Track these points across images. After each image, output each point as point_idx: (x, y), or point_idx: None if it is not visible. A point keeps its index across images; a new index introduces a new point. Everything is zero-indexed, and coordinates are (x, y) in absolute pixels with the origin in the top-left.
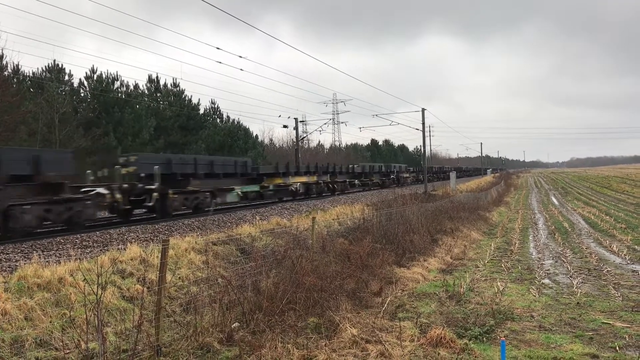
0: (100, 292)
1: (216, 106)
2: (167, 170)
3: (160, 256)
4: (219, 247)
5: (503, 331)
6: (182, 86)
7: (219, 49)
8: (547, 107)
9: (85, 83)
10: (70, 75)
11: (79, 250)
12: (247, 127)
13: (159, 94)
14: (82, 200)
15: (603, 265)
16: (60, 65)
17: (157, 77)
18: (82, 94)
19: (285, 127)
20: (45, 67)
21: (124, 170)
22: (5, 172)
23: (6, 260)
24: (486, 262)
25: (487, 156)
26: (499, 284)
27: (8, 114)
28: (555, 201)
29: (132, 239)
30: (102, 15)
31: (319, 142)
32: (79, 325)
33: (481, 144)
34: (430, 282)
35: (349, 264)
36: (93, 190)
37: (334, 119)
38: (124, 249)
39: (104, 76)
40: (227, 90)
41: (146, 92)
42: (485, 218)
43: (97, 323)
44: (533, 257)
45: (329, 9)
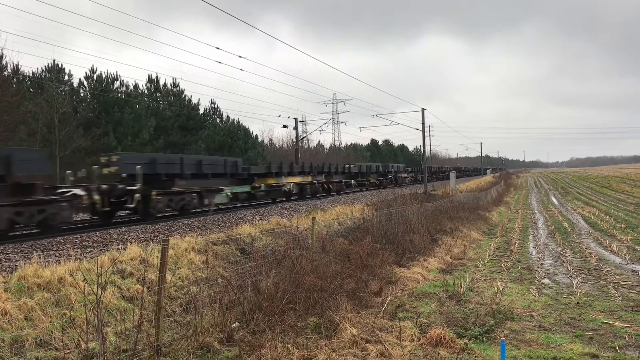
0: (100, 292)
1: (216, 106)
2: (151, 170)
3: (160, 256)
4: (218, 247)
5: (503, 331)
6: (182, 86)
7: (218, 49)
8: (546, 107)
9: (85, 83)
10: (70, 75)
11: (79, 250)
12: (247, 127)
13: (158, 94)
14: (57, 202)
15: (603, 265)
16: (60, 65)
17: (157, 77)
18: (82, 94)
19: (285, 127)
20: (45, 67)
21: (105, 171)
22: None
23: (6, 260)
24: (486, 262)
25: (487, 156)
26: (498, 283)
27: (8, 114)
28: (555, 201)
29: (132, 239)
30: (102, 15)
31: (319, 142)
32: (79, 325)
33: (481, 143)
34: (430, 282)
35: (349, 264)
36: (70, 192)
37: (333, 119)
38: (124, 249)
39: (104, 76)
40: (227, 90)
41: (146, 92)
42: (485, 218)
43: (97, 323)
44: (533, 257)
45: (329, 9)
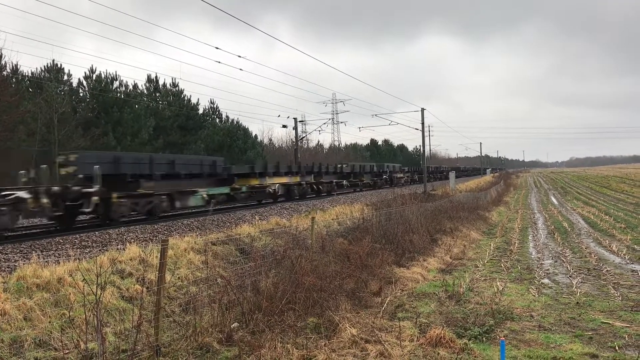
0: (99, 292)
1: (215, 106)
2: (115, 170)
3: (159, 256)
4: (218, 247)
5: (502, 331)
6: (181, 86)
7: (218, 48)
8: (546, 106)
9: (84, 83)
10: (69, 75)
11: (78, 250)
12: (247, 127)
13: (158, 94)
14: None
15: (602, 264)
16: (59, 65)
17: (156, 76)
18: (81, 94)
19: (284, 127)
20: (44, 67)
21: (63, 171)
22: None
23: (5, 260)
24: (486, 262)
25: (487, 156)
26: (498, 283)
27: (7, 114)
28: (554, 201)
29: (132, 239)
30: (101, 15)
31: (318, 142)
32: (78, 326)
33: (480, 143)
34: (430, 282)
35: (349, 264)
36: (13, 194)
37: (333, 118)
38: (123, 249)
39: (103, 76)
40: (227, 90)
41: (145, 92)
42: (485, 218)
43: (96, 323)
44: (532, 256)
45: (329, 8)
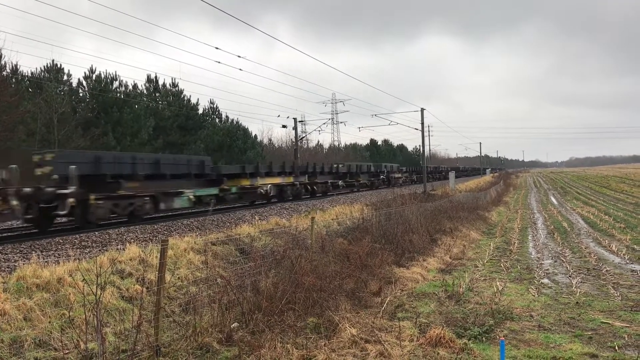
0: (99, 293)
1: (215, 106)
2: (94, 170)
3: (159, 256)
4: (218, 247)
5: (502, 331)
6: (181, 86)
7: (217, 48)
8: (546, 106)
9: (84, 83)
10: (69, 75)
11: (78, 250)
12: (246, 127)
13: (157, 94)
14: None
15: (602, 264)
16: (59, 65)
17: (156, 77)
18: (81, 94)
19: (284, 127)
20: (44, 67)
21: (38, 171)
22: None
23: (5, 261)
24: (485, 261)
25: (486, 156)
26: (498, 283)
27: (7, 114)
28: (554, 201)
29: (131, 239)
30: (100, 15)
31: (318, 142)
32: (78, 326)
33: (480, 143)
34: (430, 282)
35: (348, 264)
36: None
37: (333, 118)
38: (123, 249)
39: (103, 76)
40: (226, 90)
41: (145, 92)
42: (485, 218)
43: (96, 323)
44: (532, 256)
45: (329, 8)
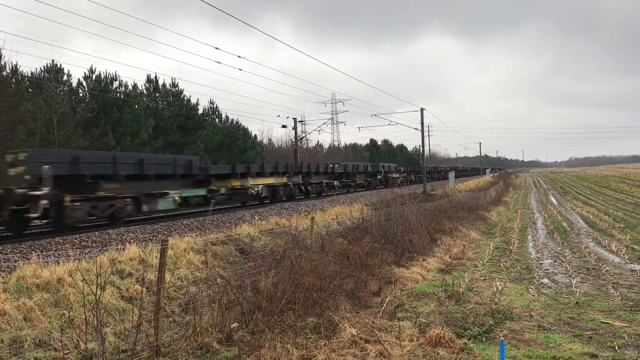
0: (99, 293)
1: (215, 106)
2: (72, 170)
3: (159, 256)
4: (218, 247)
5: (502, 331)
6: (181, 86)
7: (217, 49)
8: (545, 106)
9: (84, 83)
10: (69, 76)
11: (78, 250)
12: (246, 127)
13: (157, 94)
14: None
15: (602, 264)
16: (59, 66)
17: (156, 77)
18: (81, 94)
19: (284, 127)
20: (44, 67)
21: (12, 172)
22: None
23: (5, 261)
24: (485, 261)
25: (486, 156)
26: (498, 283)
27: (7, 114)
28: (554, 201)
29: (131, 239)
30: (100, 15)
31: (318, 142)
32: (78, 326)
33: (480, 143)
34: (429, 282)
35: (348, 264)
36: None
37: (332, 118)
38: (123, 249)
39: (103, 76)
40: (226, 90)
41: (145, 92)
42: (484, 218)
43: (96, 323)
44: (532, 256)
45: (328, 8)
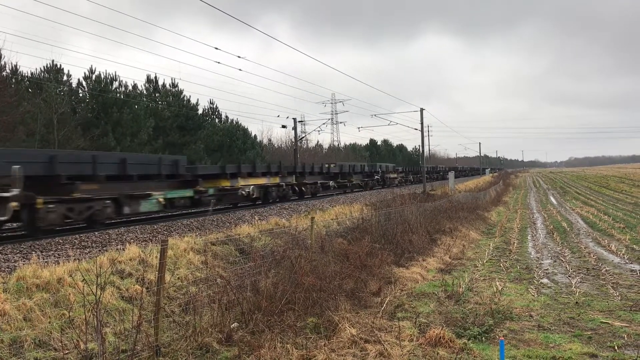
0: (99, 293)
1: (215, 106)
2: (46, 171)
3: (159, 256)
4: (217, 247)
5: (502, 331)
6: (181, 86)
7: (217, 49)
8: (545, 106)
9: (84, 83)
10: (69, 76)
11: (78, 250)
12: (246, 127)
13: (157, 94)
14: None
15: (602, 264)
16: (59, 66)
17: (156, 77)
18: (81, 94)
19: (284, 127)
20: (44, 67)
21: None
22: None
23: (5, 261)
24: (485, 261)
25: (486, 156)
26: (497, 283)
27: (6, 115)
28: (553, 201)
29: (131, 239)
30: (99, 15)
31: (318, 142)
32: (78, 326)
33: (479, 143)
34: (429, 282)
35: (348, 264)
36: None
37: (332, 119)
38: (123, 250)
39: (103, 76)
40: (226, 91)
41: (145, 92)
42: (484, 218)
43: (96, 323)
44: (532, 256)
45: (328, 8)
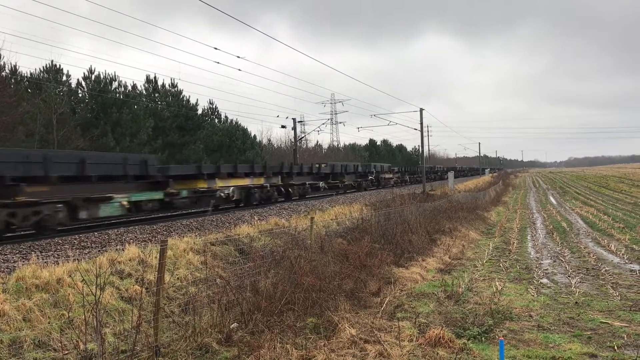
0: (98, 293)
1: (214, 106)
2: None
3: (158, 257)
4: (217, 248)
5: (502, 331)
6: (180, 86)
7: (216, 49)
8: (545, 106)
9: (83, 83)
10: (68, 76)
11: (78, 250)
12: (246, 127)
13: (156, 94)
14: None
15: (601, 264)
16: (58, 66)
17: (155, 77)
18: (80, 95)
19: (283, 127)
20: (43, 67)
21: None
22: None
23: (4, 261)
24: (484, 261)
25: (485, 156)
26: (497, 283)
27: (6, 115)
28: (553, 201)
29: (131, 239)
30: (99, 15)
31: (317, 142)
32: (77, 326)
33: (479, 143)
34: (429, 282)
35: (348, 264)
36: None
37: (332, 119)
38: (123, 250)
39: (102, 76)
40: (225, 91)
41: (144, 92)
42: (484, 218)
43: (95, 324)
44: (531, 256)
45: (327, 8)
